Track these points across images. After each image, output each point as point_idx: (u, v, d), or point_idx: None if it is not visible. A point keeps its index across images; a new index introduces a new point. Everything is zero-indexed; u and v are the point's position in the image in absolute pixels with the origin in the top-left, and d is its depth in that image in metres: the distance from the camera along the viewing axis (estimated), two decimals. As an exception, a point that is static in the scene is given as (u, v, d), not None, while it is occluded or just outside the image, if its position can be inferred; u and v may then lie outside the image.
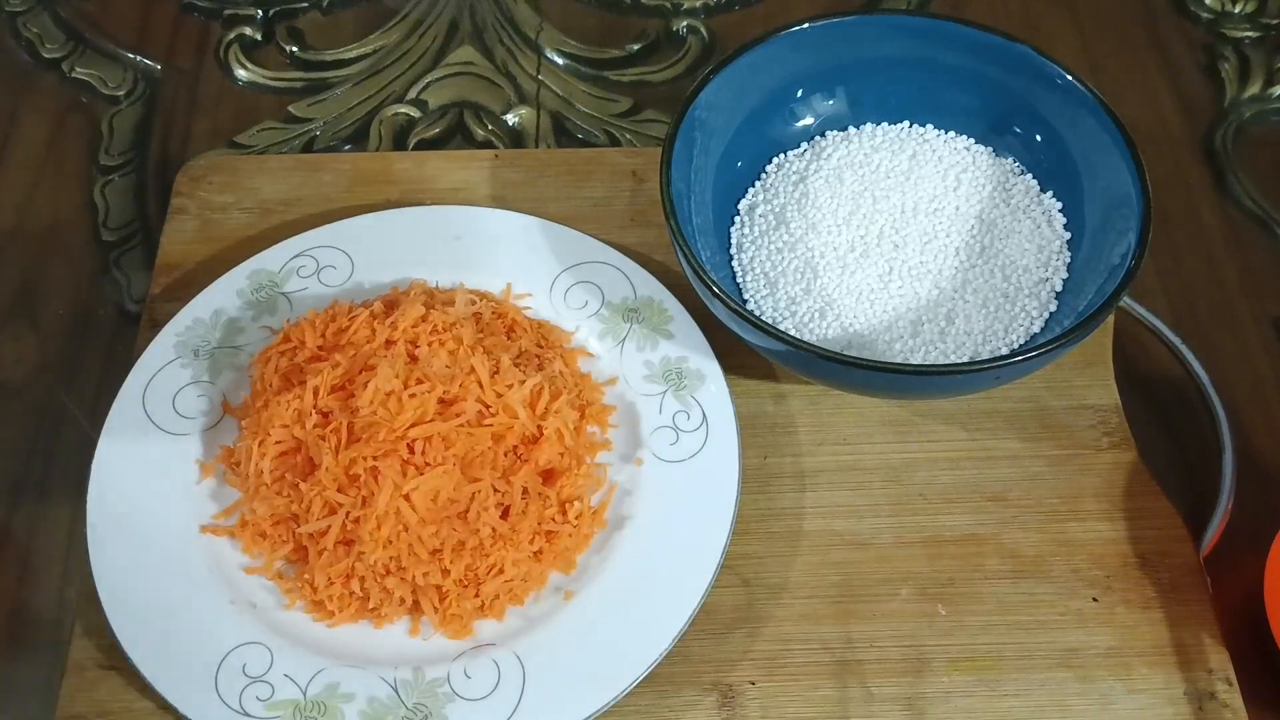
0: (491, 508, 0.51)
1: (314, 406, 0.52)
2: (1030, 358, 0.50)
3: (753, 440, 0.57)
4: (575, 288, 0.59)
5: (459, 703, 0.49)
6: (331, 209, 0.64)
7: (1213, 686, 0.51)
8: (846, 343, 0.55)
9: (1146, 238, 0.52)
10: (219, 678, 0.49)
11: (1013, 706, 0.51)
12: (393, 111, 0.72)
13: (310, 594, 0.51)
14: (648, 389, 0.57)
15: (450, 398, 0.52)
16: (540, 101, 0.72)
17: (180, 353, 0.57)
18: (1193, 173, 0.69)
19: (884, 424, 0.58)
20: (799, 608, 0.53)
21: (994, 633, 0.52)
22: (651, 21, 0.77)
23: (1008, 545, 0.55)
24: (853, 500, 0.56)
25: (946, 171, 0.58)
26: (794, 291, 0.56)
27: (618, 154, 0.67)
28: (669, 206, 0.53)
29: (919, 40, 0.59)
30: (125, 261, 0.66)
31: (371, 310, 0.56)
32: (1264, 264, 0.66)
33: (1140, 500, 0.56)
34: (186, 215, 0.64)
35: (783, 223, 0.58)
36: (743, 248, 0.59)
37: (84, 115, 0.72)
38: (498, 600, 0.51)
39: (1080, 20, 0.76)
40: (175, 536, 0.52)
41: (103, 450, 0.54)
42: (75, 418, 0.60)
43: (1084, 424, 0.58)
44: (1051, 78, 0.57)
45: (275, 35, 0.76)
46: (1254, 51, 0.75)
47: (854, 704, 0.51)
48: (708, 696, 0.51)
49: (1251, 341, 0.63)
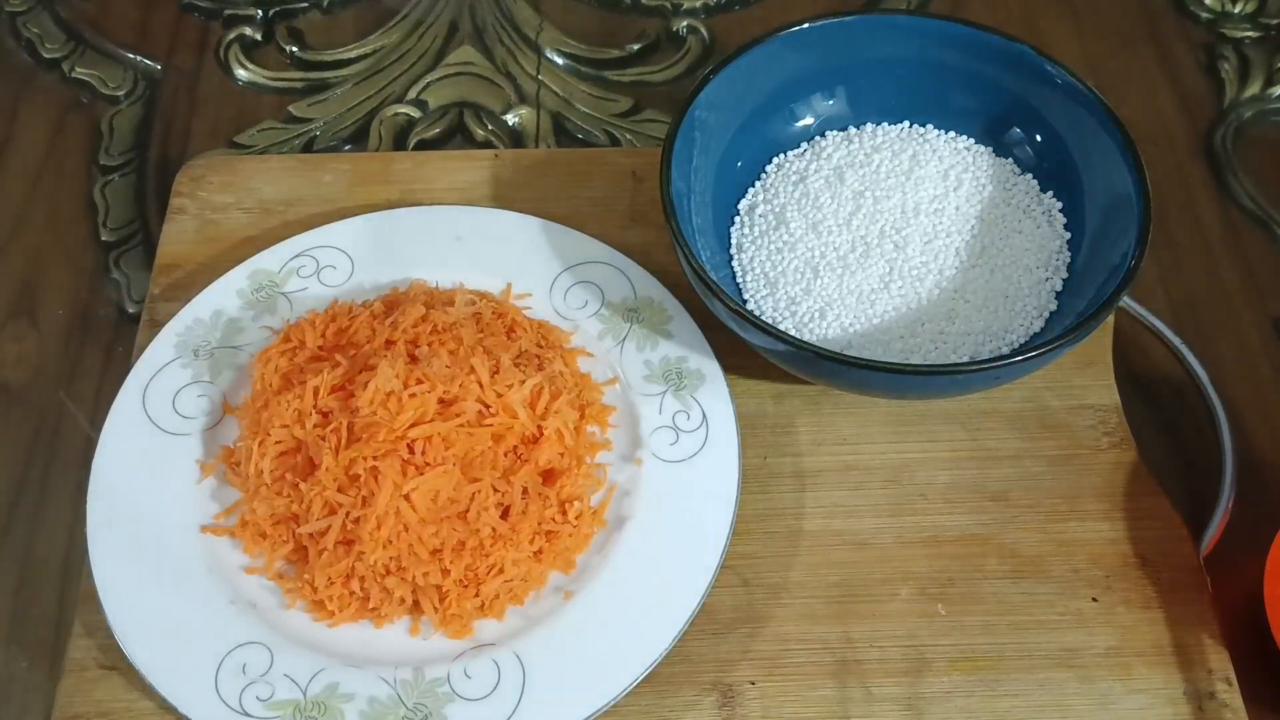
0: (491, 508, 0.51)
1: (314, 406, 0.52)
2: (1030, 358, 0.50)
3: (753, 440, 0.57)
4: (575, 288, 0.59)
5: (459, 703, 0.49)
6: (331, 209, 0.64)
7: (1213, 686, 0.51)
8: (846, 343, 0.55)
9: (1146, 238, 0.52)
10: (219, 678, 0.49)
11: (1013, 706, 0.51)
12: (393, 111, 0.72)
13: (310, 594, 0.51)
14: (647, 389, 0.57)
15: (450, 398, 0.52)
16: (540, 101, 0.72)
17: (180, 353, 0.57)
18: (1193, 173, 0.69)
19: (884, 424, 0.58)
20: (799, 608, 0.53)
21: (994, 633, 0.52)
22: (651, 21, 0.77)
23: (1008, 545, 0.55)
24: (853, 500, 0.56)
25: (947, 172, 0.58)
26: (794, 291, 0.56)
27: (618, 154, 0.67)
28: (669, 206, 0.54)
29: (919, 40, 0.59)
30: (125, 261, 0.66)
31: (371, 310, 0.56)
32: (1264, 264, 0.66)
33: (1140, 500, 0.56)
34: (186, 215, 0.64)
35: (783, 223, 0.58)
36: (743, 248, 0.59)
37: (84, 115, 0.72)
38: (498, 600, 0.51)
39: (1080, 20, 0.76)
40: (175, 536, 0.52)
41: (103, 450, 0.54)
42: (75, 418, 0.60)
43: (1084, 424, 0.58)
44: (1051, 78, 0.57)
45: (275, 35, 0.76)
46: (1254, 51, 0.75)
47: (854, 704, 0.51)
48: (708, 696, 0.51)
49: (1251, 341, 0.63)
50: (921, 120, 0.61)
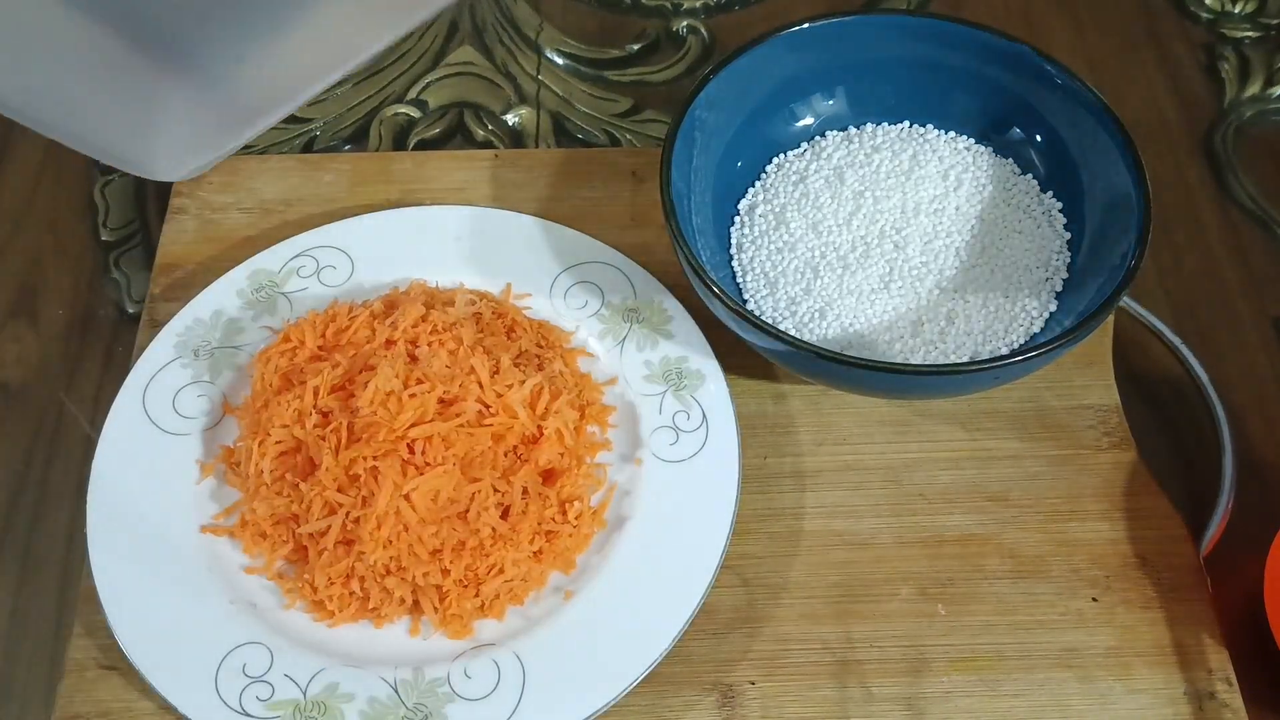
0: (491, 508, 0.51)
1: (314, 406, 0.52)
2: (1030, 358, 0.50)
3: (753, 440, 0.57)
4: (575, 288, 0.59)
5: (459, 703, 0.49)
6: (331, 209, 0.64)
7: (1213, 686, 0.51)
8: (846, 343, 0.55)
9: (1146, 238, 0.52)
10: (219, 678, 0.49)
11: (1013, 706, 0.51)
12: (393, 111, 0.72)
13: (310, 594, 0.51)
14: (648, 389, 0.57)
15: (450, 398, 0.52)
16: (540, 101, 0.72)
17: (180, 353, 0.57)
18: (1193, 173, 0.69)
19: (884, 424, 0.58)
20: (799, 608, 0.53)
21: (994, 633, 0.52)
22: (651, 21, 0.77)
23: (1008, 545, 0.55)
24: (853, 500, 0.56)
25: (947, 171, 0.58)
26: (794, 291, 0.56)
27: (618, 154, 0.67)
28: (669, 206, 0.53)
29: (919, 40, 0.59)
30: (125, 261, 0.66)
31: (371, 310, 0.56)
32: (1264, 264, 0.66)
33: (1140, 500, 0.56)
34: (186, 215, 0.64)
35: (783, 223, 0.58)
36: (743, 248, 0.59)
37: (84, 115, 0.72)
38: (498, 600, 0.51)
39: (1080, 20, 0.76)
40: (175, 536, 0.52)
41: (103, 450, 0.54)
42: (75, 418, 0.60)
43: (1084, 424, 0.58)
44: (1051, 78, 0.57)
45: (275, 35, 0.75)
46: (1254, 51, 0.75)
47: (854, 704, 0.51)
48: (708, 696, 0.51)
49: (1251, 341, 0.63)
50: (921, 120, 0.61)
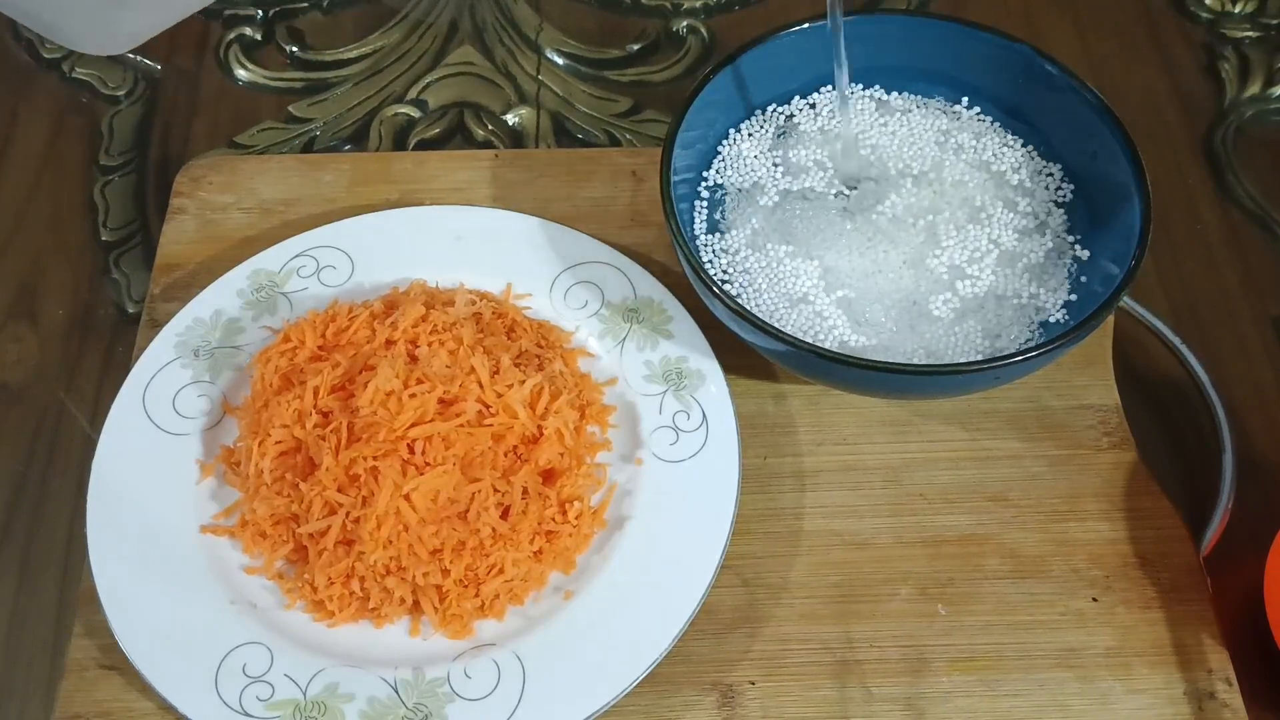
0: (491, 508, 0.51)
1: (314, 406, 0.52)
2: (1030, 358, 0.50)
3: (753, 440, 0.57)
4: (575, 288, 0.59)
5: (459, 703, 0.49)
6: (331, 209, 0.64)
7: (1213, 686, 0.51)
8: (846, 343, 0.55)
9: (1146, 238, 0.52)
10: (219, 678, 0.49)
11: (1013, 706, 0.51)
12: (393, 111, 0.72)
13: (310, 594, 0.51)
14: (648, 389, 0.57)
15: (450, 398, 0.52)
16: (540, 101, 0.72)
17: (180, 353, 0.57)
18: (1193, 173, 0.69)
19: (884, 424, 0.58)
20: (799, 608, 0.53)
21: (994, 633, 0.52)
22: (651, 21, 0.77)
23: (1008, 545, 0.55)
24: (852, 500, 0.56)
25: (948, 171, 0.58)
26: (794, 292, 0.56)
27: (618, 154, 0.67)
28: (669, 206, 0.53)
29: (919, 41, 0.59)
30: (125, 261, 0.66)
31: (371, 310, 0.56)
32: (1264, 264, 0.66)
33: (1140, 500, 0.56)
34: (186, 215, 0.64)
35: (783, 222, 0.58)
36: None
37: (84, 115, 0.72)
38: (498, 600, 0.51)
39: (1080, 20, 0.76)
40: (175, 536, 0.52)
41: (103, 450, 0.54)
42: (75, 418, 0.60)
43: (1084, 424, 0.58)
44: (1051, 77, 0.57)
45: (275, 35, 0.76)
46: (1254, 51, 0.75)
47: (854, 704, 0.51)
48: (708, 696, 0.51)
49: (1251, 341, 0.63)
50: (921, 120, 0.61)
